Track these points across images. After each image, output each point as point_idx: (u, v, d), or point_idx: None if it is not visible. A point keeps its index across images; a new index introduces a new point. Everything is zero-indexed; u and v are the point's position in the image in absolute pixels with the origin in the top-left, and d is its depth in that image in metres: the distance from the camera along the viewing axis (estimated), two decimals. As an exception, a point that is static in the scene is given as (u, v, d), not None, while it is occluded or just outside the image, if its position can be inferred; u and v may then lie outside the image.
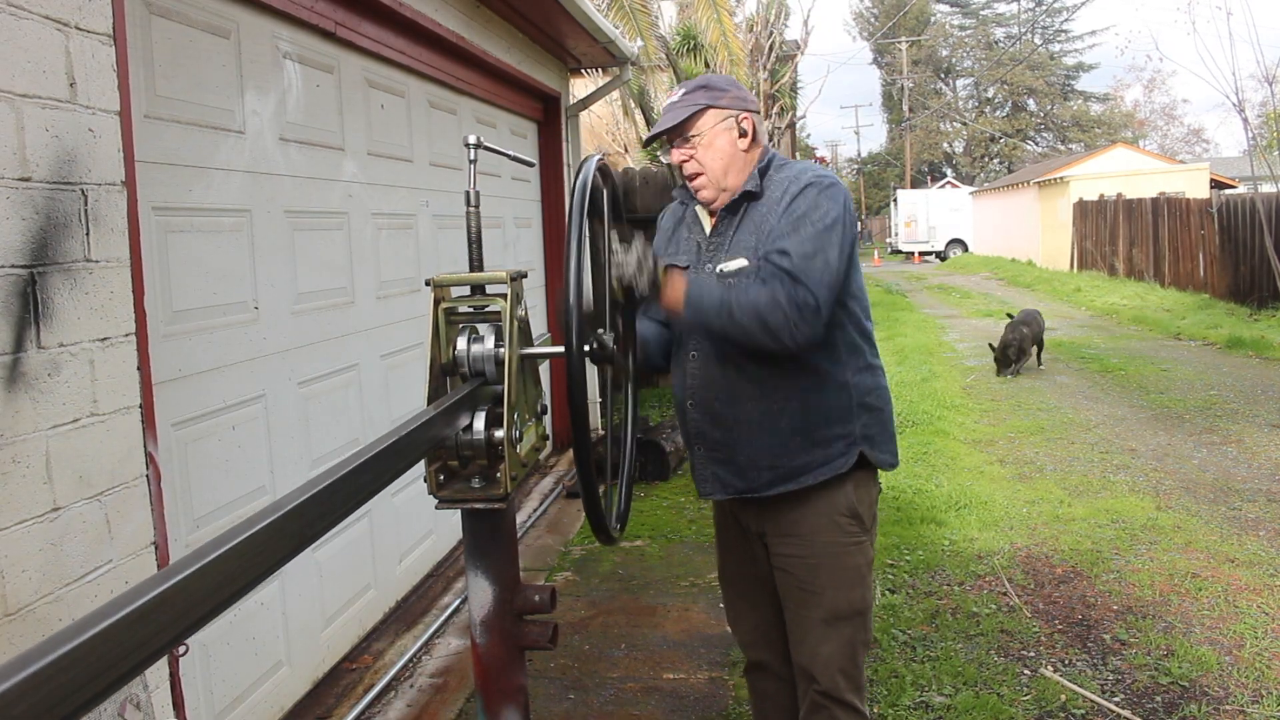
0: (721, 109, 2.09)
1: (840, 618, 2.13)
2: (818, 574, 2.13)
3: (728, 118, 2.09)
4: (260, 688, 2.88)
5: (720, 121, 2.09)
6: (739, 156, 2.10)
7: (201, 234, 2.65)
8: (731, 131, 2.09)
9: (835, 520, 2.12)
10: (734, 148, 2.10)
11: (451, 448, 1.51)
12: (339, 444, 3.42)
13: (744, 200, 2.10)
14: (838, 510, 2.12)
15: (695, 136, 2.09)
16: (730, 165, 2.09)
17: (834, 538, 2.12)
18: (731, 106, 2.10)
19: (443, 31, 4.17)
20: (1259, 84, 24.94)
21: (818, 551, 2.13)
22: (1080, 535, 4.70)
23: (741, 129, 2.10)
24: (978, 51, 50.88)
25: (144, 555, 2.05)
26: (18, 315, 1.74)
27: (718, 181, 2.10)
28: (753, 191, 2.08)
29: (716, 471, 2.16)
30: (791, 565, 2.16)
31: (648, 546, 4.76)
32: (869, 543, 2.17)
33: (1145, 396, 8.13)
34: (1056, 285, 19.21)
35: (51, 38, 1.84)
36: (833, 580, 2.12)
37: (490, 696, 1.62)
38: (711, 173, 2.09)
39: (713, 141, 2.08)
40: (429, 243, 4.31)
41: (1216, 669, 3.32)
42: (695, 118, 2.08)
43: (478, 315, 1.60)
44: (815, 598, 2.13)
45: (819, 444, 2.09)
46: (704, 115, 2.08)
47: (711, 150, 2.09)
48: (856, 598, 2.14)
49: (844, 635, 2.13)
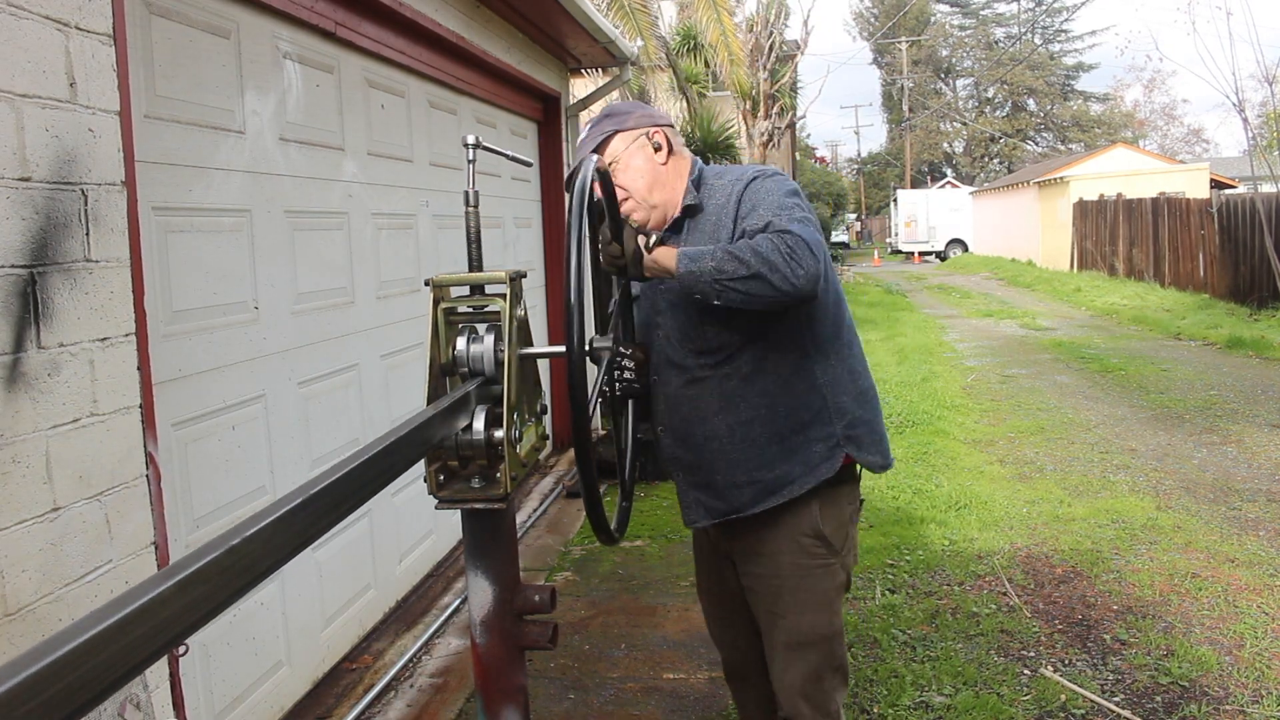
0: (629, 131, 2.09)
1: (804, 643, 2.06)
2: (780, 596, 2.06)
3: (637, 137, 2.09)
4: (260, 688, 2.88)
5: (631, 143, 2.08)
6: (659, 171, 2.09)
7: (201, 234, 2.65)
8: (645, 149, 2.08)
9: (799, 541, 2.04)
10: (651, 164, 2.08)
11: (451, 448, 1.51)
12: (339, 444, 3.42)
13: (685, 216, 2.06)
14: (801, 530, 2.04)
15: (611, 164, 2.07)
16: (653, 182, 2.07)
17: (798, 559, 2.04)
18: (638, 125, 2.10)
19: (443, 31, 4.17)
20: (1259, 84, 24.98)
21: (781, 573, 2.06)
22: (1080, 535, 4.70)
23: (655, 144, 2.10)
24: (978, 51, 50.90)
25: (144, 555, 2.05)
26: (18, 315, 1.74)
27: (645, 200, 2.07)
28: (693, 205, 2.05)
29: (699, 496, 2.11)
30: (757, 586, 2.11)
31: (648, 546, 4.76)
32: (838, 565, 2.08)
33: (1145, 396, 8.13)
34: (1056, 285, 19.21)
35: (51, 38, 1.84)
36: (796, 603, 2.05)
37: (490, 696, 1.62)
38: (636, 193, 2.07)
39: (629, 163, 2.07)
40: (429, 243, 4.31)
41: (1216, 669, 3.32)
42: (604, 146, 2.09)
43: (477, 315, 1.60)
44: (779, 620, 2.07)
45: (797, 450, 2.01)
46: (612, 141, 2.09)
47: (630, 171, 2.07)
48: (822, 622, 2.06)
49: (809, 661, 2.06)
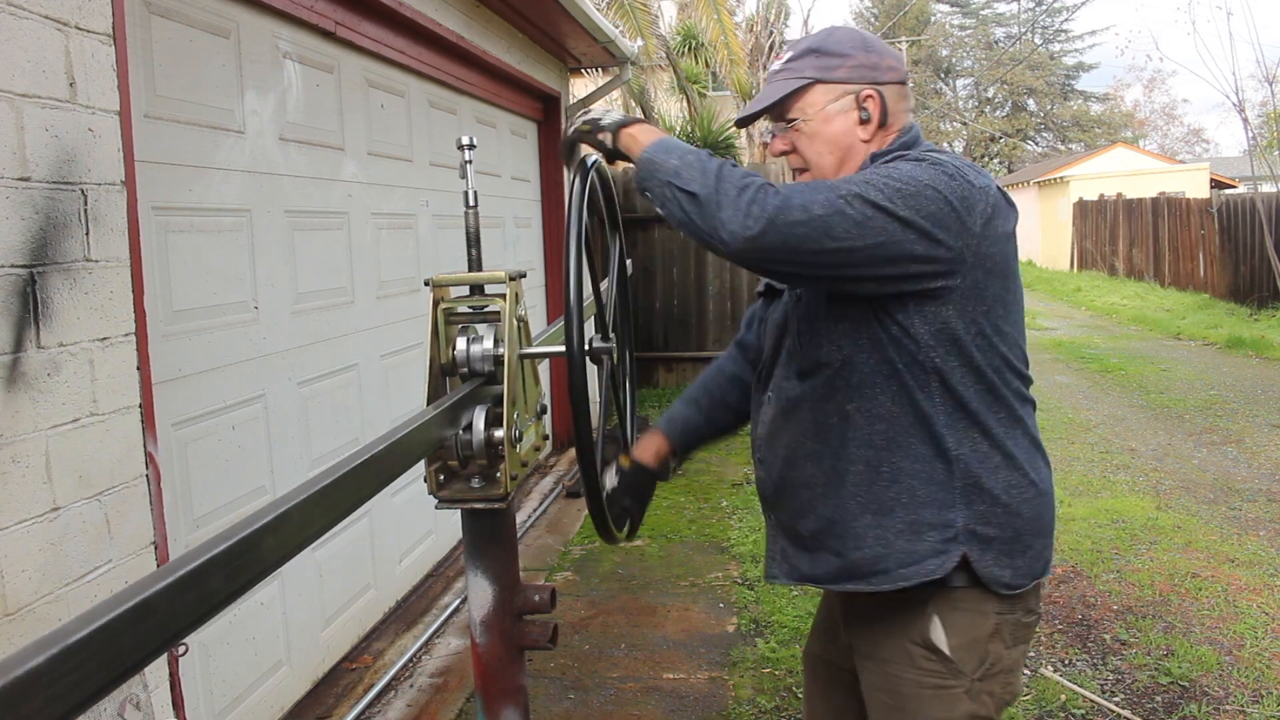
0: (834, 83, 1.56)
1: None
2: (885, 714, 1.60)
3: (844, 95, 1.56)
4: (260, 688, 2.88)
5: (833, 101, 1.56)
6: (856, 145, 1.57)
7: (201, 234, 2.65)
8: (849, 114, 1.57)
9: (907, 649, 1.55)
10: (850, 135, 1.57)
11: (451, 447, 1.51)
12: (339, 444, 3.42)
13: None
14: (910, 637, 1.55)
15: (801, 121, 1.58)
16: (846, 159, 1.58)
17: (903, 672, 1.56)
18: (850, 79, 1.56)
19: (443, 31, 4.16)
20: (1259, 84, 24.97)
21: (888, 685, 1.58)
22: (1080, 535, 4.70)
23: (864, 110, 1.56)
24: (978, 51, 50.89)
25: (144, 555, 2.05)
26: (17, 315, 1.74)
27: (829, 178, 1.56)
28: None
29: (784, 547, 1.66)
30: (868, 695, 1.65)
31: (648, 546, 4.76)
32: (962, 692, 1.52)
33: (1145, 396, 8.13)
34: (1056, 285, 19.21)
35: (51, 37, 1.83)
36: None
37: (490, 696, 1.62)
38: (818, 169, 1.59)
39: (820, 128, 1.57)
40: (429, 243, 4.31)
41: (1216, 669, 3.32)
42: (797, 95, 1.57)
43: (477, 315, 1.60)
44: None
45: (898, 531, 1.51)
46: (810, 92, 1.57)
47: (818, 140, 1.58)
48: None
49: None
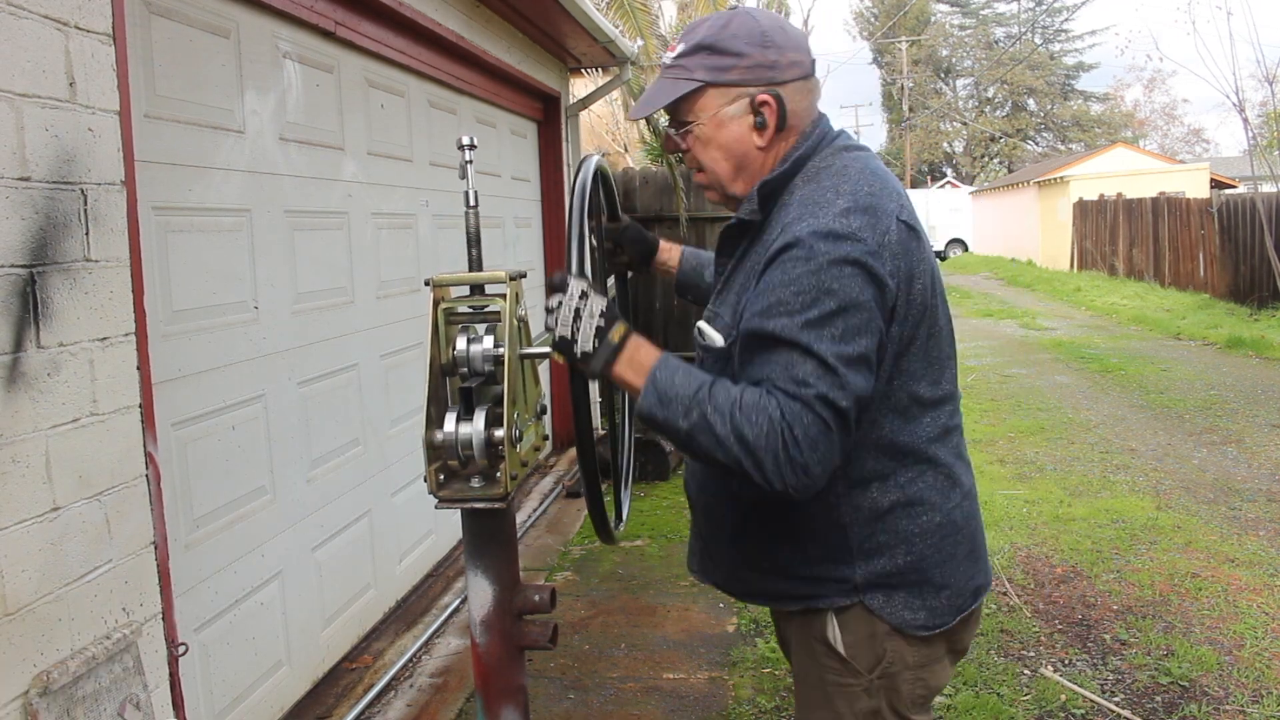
0: (727, 86, 1.44)
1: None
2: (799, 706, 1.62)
3: (738, 99, 1.45)
4: (260, 687, 2.88)
5: (727, 104, 1.45)
6: (752, 153, 1.47)
7: (201, 234, 2.65)
8: (743, 120, 1.46)
9: (811, 645, 1.54)
10: (745, 144, 1.47)
11: (452, 447, 1.51)
12: (339, 444, 3.42)
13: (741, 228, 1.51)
14: (813, 634, 1.53)
15: (693, 124, 1.48)
16: (740, 166, 1.49)
17: (811, 668, 1.56)
18: (745, 81, 1.44)
19: (442, 31, 4.16)
20: (1259, 84, 24.95)
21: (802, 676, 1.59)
22: (1080, 535, 4.70)
23: (759, 116, 1.45)
24: (978, 51, 50.87)
25: (144, 555, 2.05)
26: (17, 315, 1.74)
27: (724, 185, 1.51)
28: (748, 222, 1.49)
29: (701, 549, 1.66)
30: None
31: (648, 546, 4.76)
32: (861, 689, 1.50)
33: (1145, 396, 8.13)
34: (1056, 285, 19.21)
35: (51, 37, 1.83)
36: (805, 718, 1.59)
37: (490, 696, 1.62)
38: (714, 175, 1.51)
39: (714, 134, 1.47)
40: (429, 243, 4.31)
41: (1216, 669, 3.32)
42: (689, 98, 1.47)
43: (477, 315, 1.60)
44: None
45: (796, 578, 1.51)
46: (702, 95, 1.46)
47: (712, 146, 1.48)
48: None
49: None
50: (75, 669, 1.80)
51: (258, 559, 2.88)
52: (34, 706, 1.72)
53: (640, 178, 8.41)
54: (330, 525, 3.35)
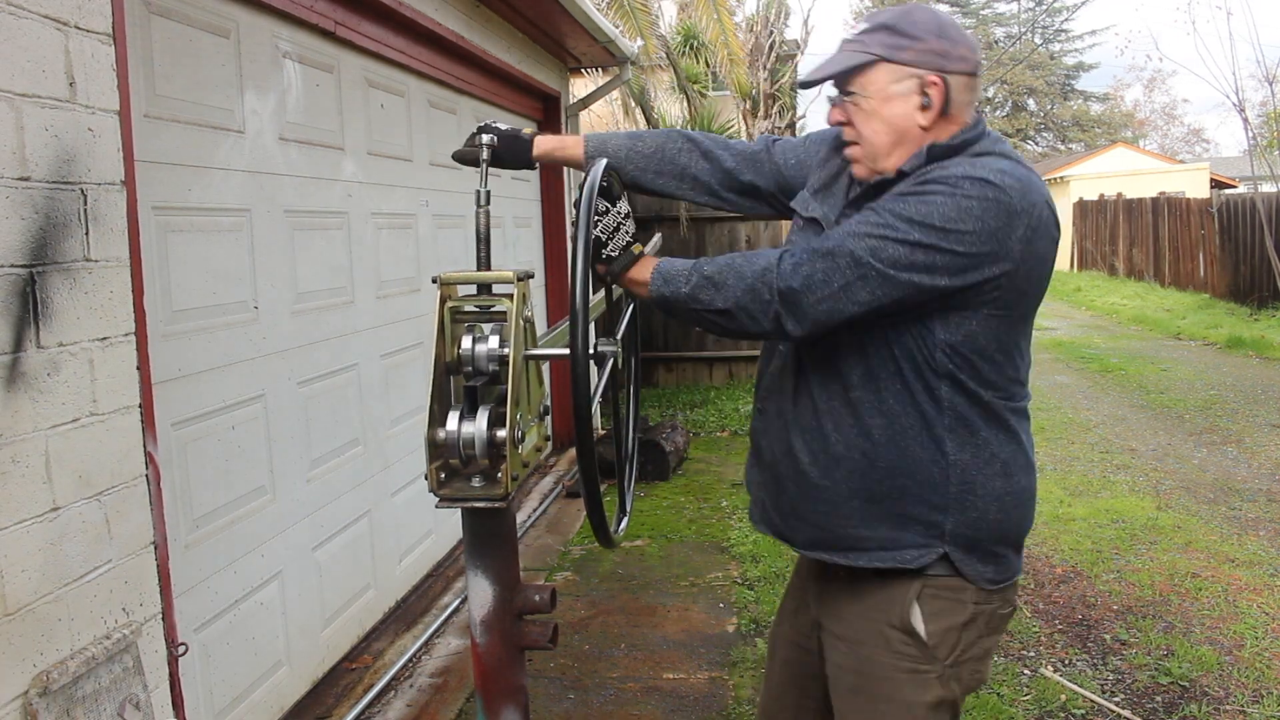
0: (900, 64, 1.52)
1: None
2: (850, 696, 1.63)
3: (908, 78, 1.52)
4: (260, 687, 2.88)
5: (896, 82, 1.52)
6: (912, 130, 1.54)
7: (201, 234, 2.65)
8: (909, 99, 1.53)
9: (883, 631, 1.57)
10: (908, 120, 1.53)
11: (453, 446, 1.51)
12: (339, 443, 3.42)
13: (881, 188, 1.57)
14: (888, 619, 1.57)
15: (860, 96, 1.55)
16: (899, 144, 1.54)
17: (878, 655, 1.58)
18: (917, 63, 1.51)
19: (443, 31, 4.16)
20: (1259, 84, 24.95)
21: (860, 667, 1.60)
22: (1080, 535, 4.70)
23: (925, 96, 1.52)
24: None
25: (144, 555, 2.05)
26: (17, 315, 1.74)
27: (876, 159, 1.56)
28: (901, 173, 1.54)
29: (762, 497, 1.72)
30: (835, 675, 1.67)
31: (648, 546, 4.76)
32: (934, 677, 1.56)
33: (1145, 396, 8.13)
34: (1056, 285, 19.17)
35: (51, 37, 1.83)
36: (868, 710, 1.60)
37: (490, 696, 1.62)
38: (869, 147, 1.56)
39: (880, 108, 1.54)
40: (429, 242, 4.31)
41: (1216, 669, 3.32)
42: (861, 70, 1.54)
43: (483, 315, 1.60)
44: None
45: (887, 520, 1.55)
46: (874, 69, 1.53)
47: (876, 120, 1.54)
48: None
49: None
50: (75, 669, 1.80)
51: (257, 559, 2.88)
52: (34, 706, 1.72)
53: (640, 177, 8.40)
54: (330, 525, 3.35)
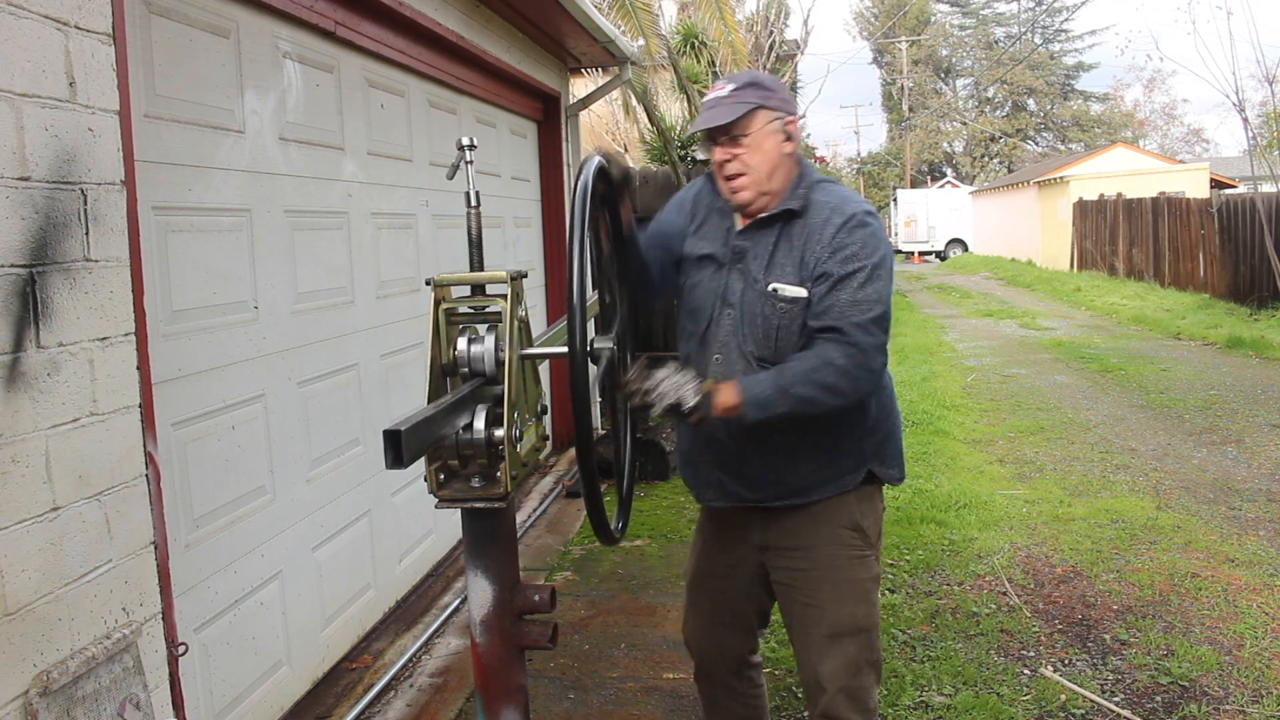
0: (771, 110, 2.04)
1: (842, 634, 2.10)
2: (820, 588, 2.11)
3: (776, 119, 2.04)
4: (260, 687, 2.88)
5: (769, 123, 2.04)
6: (783, 161, 2.06)
7: (201, 234, 2.65)
8: (779, 135, 2.05)
9: (838, 533, 2.11)
10: (779, 152, 2.05)
11: (451, 447, 1.51)
12: (339, 443, 3.42)
13: (781, 218, 2.06)
14: (841, 523, 2.11)
15: (743, 137, 2.03)
16: (776, 168, 2.05)
17: (837, 550, 2.11)
18: (780, 109, 2.05)
19: (442, 31, 4.16)
20: (1259, 84, 24.90)
21: (820, 565, 2.11)
22: (1080, 535, 4.70)
23: (787, 133, 2.06)
24: (978, 51, 50.86)
25: (144, 555, 2.05)
26: (17, 315, 1.74)
27: (760, 184, 2.05)
28: (794, 210, 2.05)
29: (721, 478, 2.14)
30: (794, 579, 2.14)
31: (648, 546, 4.76)
32: (873, 558, 2.16)
33: (1145, 396, 8.13)
34: (1056, 285, 19.21)
35: (51, 37, 1.83)
36: (835, 595, 2.10)
37: (490, 696, 1.62)
38: (756, 174, 2.04)
39: (761, 144, 2.03)
40: (429, 242, 4.31)
41: (1216, 669, 3.32)
42: (747, 118, 2.02)
43: (478, 315, 1.60)
44: (817, 612, 2.11)
45: (830, 464, 2.09)
46: (755, 115, 2.02)
47: (759, 153, 2.03)
48: (860, 614, 2.11)
49: (847, 652, 2.10)
50: (75, 669, 1.80)
51: (258, 559, 2.88)
52: (34, 706, 1.72)
53: (640, 177, 8.41)
54: (330, 525, 3.35)
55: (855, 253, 1.97)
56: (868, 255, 1.97)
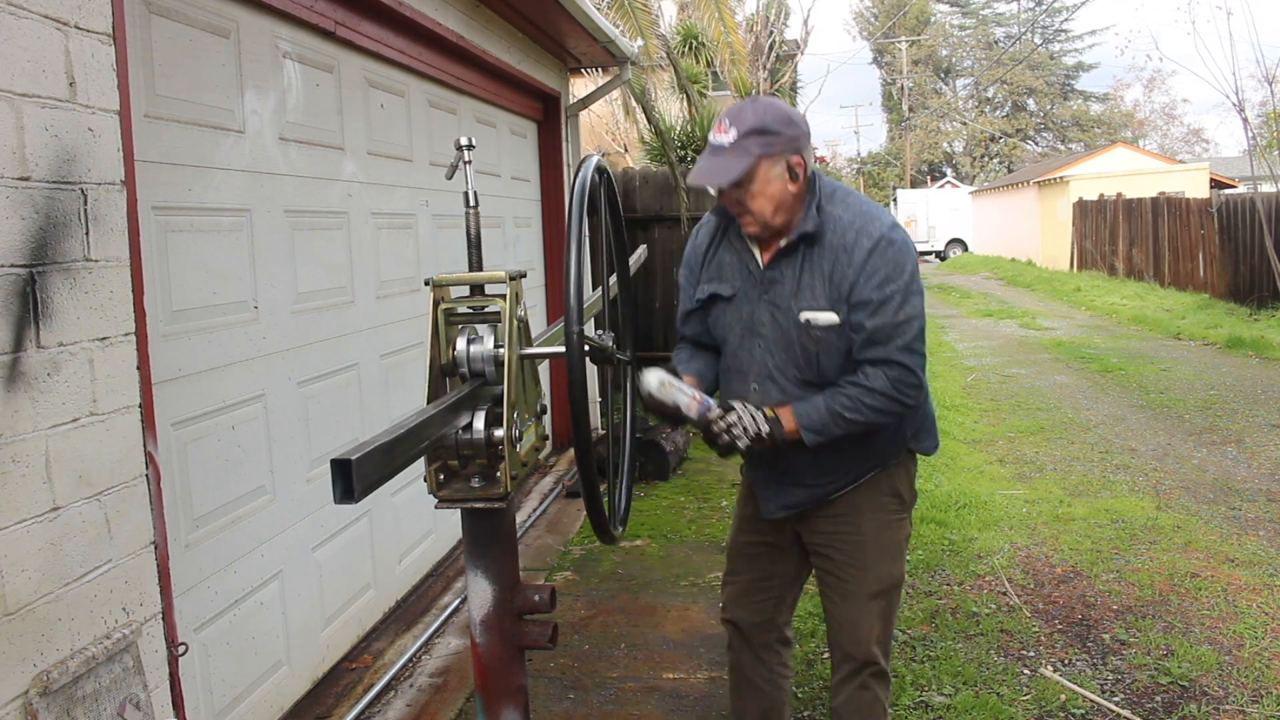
0: (774, 157, 2.04)
1: (882, 590, 2.25)
2: (864, 550, 2.23)
3: (779, 163, 2.05)
4: (260, 687, 2.88)
5: (772, 169, 2.04)
6: (788, 198, 2.08)
7: (201, 233, 2.65)
8: (783, 178, 2.06)
9: (880, 500, 2.25)
10: (784, 192, 2.07)
11: (451, 447, 1.51)
12: (339, 443, 3.41)
13: (801, 242, 2.10)
14: (882, 492, 2.25)
15: (748, 185, 2.05)
16: (779, 207, 2.08)
17: (879, 515, 2.24)
18: (784, 150, 2.04)
19: (442, 31, 4.16)
20: (1259, 84, 24.92)
21: (864, 530, 2.23)
22: (1080, 535, 4.70)
23: (793, 172, 2.06)
24: (978, 51, 50.86)
25: (144, 555, 2.05)
26: (17, 315, 1.74)
27: (765, 222, 2.09)
28: (811, 233, 2.08)
29: (782, 493, 2.26)
30: (836, 544, 2.26)
31: (648, 546, 4.76)
32: (908, 518, 2.32)
33: (1145, 396, 8.13)
34: (1056, 285, 19.20)
35: (51, 37, 1.83)
36: (878, 556, 2.24)
37: (490, 696, 1.62)
38: (760, 216, 2.08)
39: (765, 189, 2.05)
40: (429, 242, 4.31)
41: (1216, 669, 3.32)
42: (749, 170, 2.04)
43: (477, 315, 1.60)
44: (862, 574, 2.23)
45: (874, 451, 2.22)
46: (758, 166, 2.03)
47: (763, 198, 2.06)
48: (896, 572, 2.28)
49: (883, 608, 2.26)
50: (75, 669, 1.80)
51: (258, 559, 2.88)
52: (34, 706, 1.72)
53: (640, 177, 8.40)
54: (330, 525, 3.35)
55: (890, 274, 2.03)
56: (899, 274, 2.04)
